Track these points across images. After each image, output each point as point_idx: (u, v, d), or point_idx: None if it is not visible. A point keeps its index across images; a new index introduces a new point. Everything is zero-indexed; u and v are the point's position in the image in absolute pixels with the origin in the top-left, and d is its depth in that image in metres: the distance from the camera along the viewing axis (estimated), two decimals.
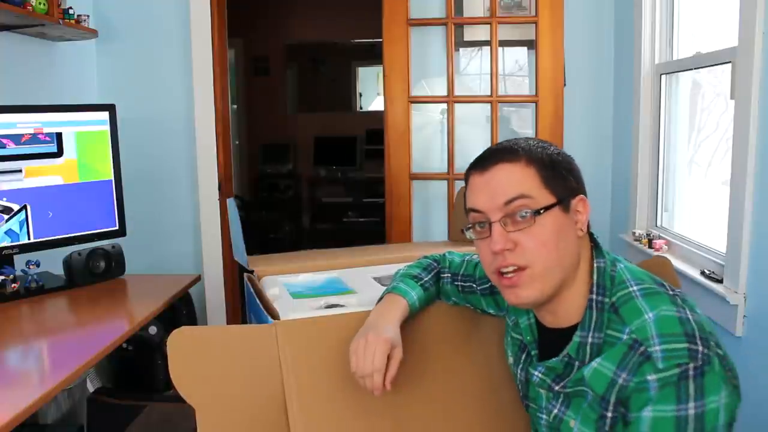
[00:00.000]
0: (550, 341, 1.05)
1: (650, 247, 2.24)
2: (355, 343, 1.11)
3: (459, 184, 2.56)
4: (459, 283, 1.27)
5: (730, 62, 1.77)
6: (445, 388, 1.24)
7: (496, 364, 1.24)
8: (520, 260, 0.97)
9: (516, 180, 0.98)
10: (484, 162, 1.01)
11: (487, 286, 1.22)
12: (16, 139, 1.93)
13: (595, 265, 1.01)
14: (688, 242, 2.13)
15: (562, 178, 1.00)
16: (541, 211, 0.96)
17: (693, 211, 2.30)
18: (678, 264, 2.00)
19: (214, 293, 2.76)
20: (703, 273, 1.88)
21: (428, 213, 2.87)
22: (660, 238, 2.24)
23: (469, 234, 1.03)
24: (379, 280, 1.66)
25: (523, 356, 1.12)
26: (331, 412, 1.18)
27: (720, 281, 1.79)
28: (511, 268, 0.97)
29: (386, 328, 1.12)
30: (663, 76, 2.34)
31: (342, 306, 1.49)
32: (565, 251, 0.98)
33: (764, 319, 1.61)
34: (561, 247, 0.97)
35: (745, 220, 1.66)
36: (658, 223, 2.41)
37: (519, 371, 1.13)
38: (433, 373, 1.23)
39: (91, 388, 2.15)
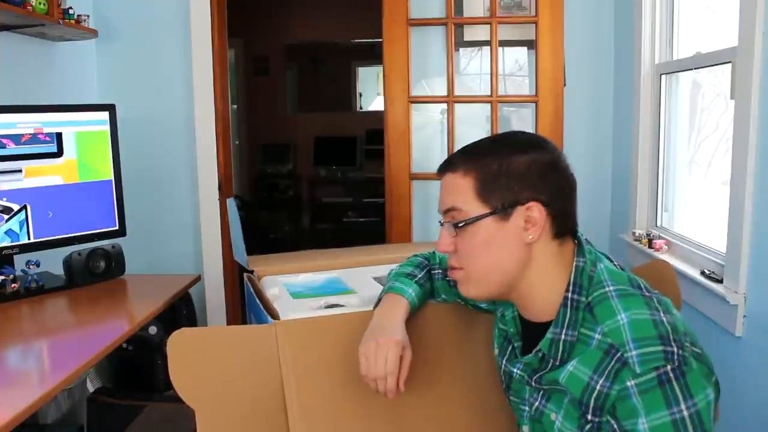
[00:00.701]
0: (532, 334, 1.06)
1: (650, 247, 2.24)
2: (365, 347, 1.10)
3: None
4: (450, 279, 1.27)
5: (730, 62, 1.77)
6: (443, 388, 1.24)
7: (490, 365, 1.24)
8: (456, 262, 1.05)
9: (451, 191, 1.04)
10: (439, 168, 1.09)
11: None
12: (16, 139, 1.93)
13: (574, 263, 1.02)
14: (688, 242, 2.13)
15: (503, 187, 1.00)
16: (461, 224, 1.01)
17: (693, 211, 2.30)
18: (678, 264, 2.00)
19: (214, 293, 2.76)
20: (703, 273, 1.88)
21: (428, 213, 2.87)
22: (660, 238, 2.24)
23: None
24: (379, 280, 1.66)
25: (509, 348, 1.14)
26: (331, 412, 1.18)
27: (720, 281, 1.79)
28: (455, 267, 1.06)
29: (394, 329, 1.12)
30: (663, 76, 2.34)
31: (342, 306, 1.49)
32: (501, 257, 1.01)
33: (764, 319, 1.61)
34: (493, 253, 1.01)
35: (745, 220, 1.66)
36: (658, 223, 2.41)
37: (504, 362, 1.15)
38: (431, 374, 1.23)
39: (91, 388, 2.15)
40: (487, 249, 1.01)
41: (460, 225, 1.01)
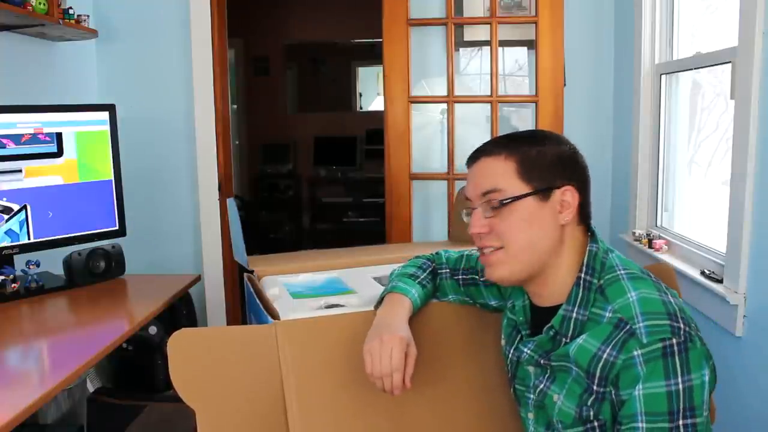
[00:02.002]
0: (541, 320, 1.09)
1: (650, 247, 2.24)
2: (369, 345, 1.11)
3: (459, 184, 2.56)
4: (460, 277, 1.29)
5: (730, 62, 1.77)
6: (444, 388, 1.24)
7: (495, 366, 1.24)
8: (495, 242, 1.07)
9: (491, 173, 1.07)
10: (472, 156, 1.12)
11: None
12: (16, 139, 1.93)
13: (588, 248, 1.07)
14: (688, 242, 2.13)
15: (543, 171, 1.06)
16: (507, 201, 1.05)
17: (693, 211, 2.30)
18: (678, 264, 2.00)
19: (214, 293, 2.76)
20: (703, 273, 1.88)
21: (428, 213, 2.87)
22: (660, 238, 2.24)
23: (465, 219, 1.12)
24: (379, 280, 1.66)
25: (518, 337, 1.16)
26: (330, 412, 1.18)
27: (720, 281, 1.79)
28: (488, 249, 1.07)
29: (398, 326, 1.13)
30: (663, 76, 2.34)
31: (342, 306, 1.49)
32: (538, 236, 1.05)
33: (764, 319, 1.61)
34: (533, 232, 1.05)
35: (745, 220, 1.66)
36: (658, 223, 2.41)
37: (510, 351, 1.16)
38: (432, 374, 1.23)
39: (91, 388, 2.15)
40: (528, 226, 1.05)
41: (505, 202, 1.05)
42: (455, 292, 1.30)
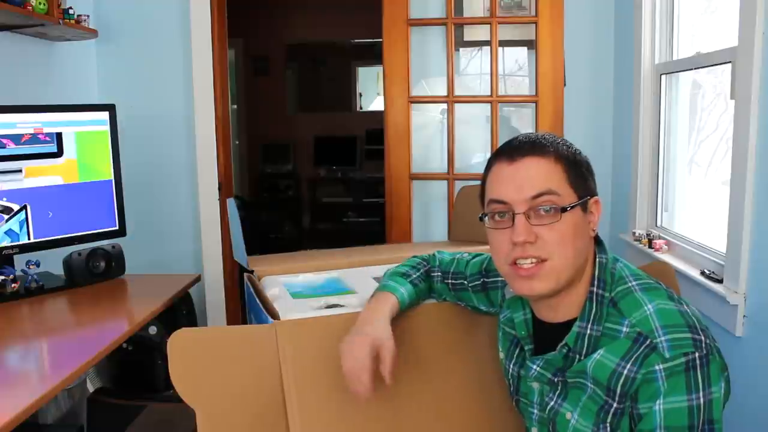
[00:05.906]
0: (546, 336, 1.06)
1: (650, 247, 2.24)
2: (340, 346, 1.11)
3: (459, 184, 2.56)
4: (450, 281, 1.28)
5: (730, 62, 1.77)
6: (441, 388, 1.24)
7: (491, 365, 1.24)
8: (541, 253, 0.97)
9: (544, 175, 0.98)
10: (513, 152, 1.01)
11: (479, 282, 1.23)
12: (16, 139, 1.93)
13: (597, 259, 1.03)
14: (688, 242, 2.13)
15: (583, 178, 1.02)
16: (567, 208, 0.97)
17: (693, 211, 2.30)
18: (678, 264, 2.00)
19: (214, 293, 2.76)
20: (703, 273, 1.87)
21: (428, 213, 2.87)
22: (660, 238, 2.24)
23: (487, 222, 1.03)
24: (378, 280, 1.66)
25: (517, 351, 1.13)
26: (330, 412, 1.18)
27: (720, 281, 1.79)
28: (530, 261, 0.98)
29: (373, 326, 1.12)
30: (663, 76, 2.34)
31: (342, 306, 1.49)
32: (579, 249, 1.00)
33: (764, 319, 1.61)
34: (577, 244, 0.99)
35: (745, 220, 1.66)
36: (658, 223, 2.41)
37: (511, 366, 1.14)
38: (430, 374, 1.24)
39: (91, 388, 2.15)
40: (574, 239, 0.98)
41: (568, 208, 0.97)
42: (448, 295, 1.30)
